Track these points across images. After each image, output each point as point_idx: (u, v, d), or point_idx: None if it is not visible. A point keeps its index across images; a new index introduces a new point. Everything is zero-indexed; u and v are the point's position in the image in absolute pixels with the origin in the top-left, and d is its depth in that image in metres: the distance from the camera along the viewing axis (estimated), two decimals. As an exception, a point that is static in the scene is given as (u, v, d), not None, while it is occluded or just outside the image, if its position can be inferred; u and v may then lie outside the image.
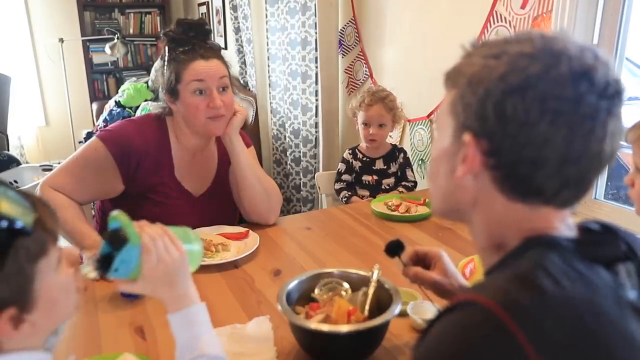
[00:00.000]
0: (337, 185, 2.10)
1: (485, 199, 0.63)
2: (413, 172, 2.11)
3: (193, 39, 1.46)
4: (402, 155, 2.10)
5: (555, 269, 0.56)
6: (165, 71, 1.48)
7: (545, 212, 0.62)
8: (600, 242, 0.62)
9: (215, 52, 1.49)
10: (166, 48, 1.48)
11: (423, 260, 1.01)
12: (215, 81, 1.45)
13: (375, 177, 2.08)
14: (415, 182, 2.08)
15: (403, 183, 2.05)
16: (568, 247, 0.60)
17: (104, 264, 0.76)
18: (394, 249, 1.00)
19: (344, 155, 2.13)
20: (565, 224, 0.63)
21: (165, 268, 0.78)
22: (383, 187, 2.07)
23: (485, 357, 0.51)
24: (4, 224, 0.60)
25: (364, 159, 2.09)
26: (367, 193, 2.06)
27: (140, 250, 0.77)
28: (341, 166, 2.12)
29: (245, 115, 1.56)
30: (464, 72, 0.63)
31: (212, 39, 1.54)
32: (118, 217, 0.77)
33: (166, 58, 1.48)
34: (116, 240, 0.76)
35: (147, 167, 1.51)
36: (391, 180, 2.08)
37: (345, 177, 2.09)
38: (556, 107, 0.56)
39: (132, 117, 1.62)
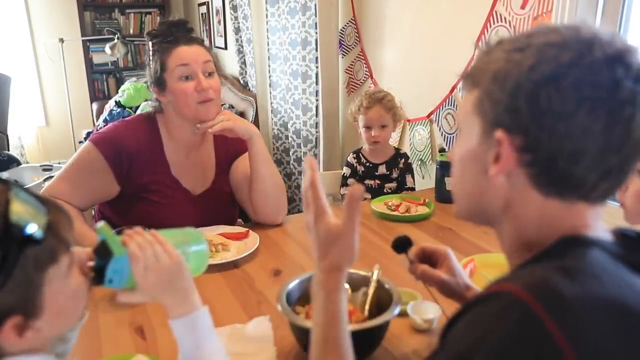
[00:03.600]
0: (343, 190, 2.10)
1: (519, 199, 0.61)
2: (413, 178, 2.10)
3: (175, 33, 1.48)
4: (403, 160, 2.10)
5: (600, 269, 0.55)
6: (150, 64, 1.50)
7: (580, 207, 0.60)
8: (639, 248, 0.61)
9: (197, 39, 1.51)
10: (150, 44, 1.50)
11: (430, 258, 0.99)
12: (199, 65, 1.46)
13: (377, 182, 2.08)
14: (413, 189, 2.08)
15: (403, 193, 2.04)
16: (612, 249, 0.58)
17: (99, 275, 0.75)
18: (402, 245, 0.98)
19: (348, 159, 2.12)
20: (599, 224, 0.61)
21: (157, 276, 0.76)
22: (385, 190, 2.07)
23: (513, 348, 0.50)
24: (14, 231, 0.58)
25: (367, 164, 2.09)
26: (369, 196, 2.05)
27: (128, 260, 0.76)
28: (346, 170, 2.11)
29: (229, 117, 1.53)
30: (487, 69, 0.60)
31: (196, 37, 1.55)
32: (101, 230, 0.76)
33: (150, 53, 1.49)
34: (102, 253, 0.75)
35: (140, 167, 1.51)
36: (393, 184, 2.09)
37: (350, 180, 2.09)
38: (593, 95, 0.54)
39: (123, 118, 1.63)
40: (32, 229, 0.60)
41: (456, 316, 0.59)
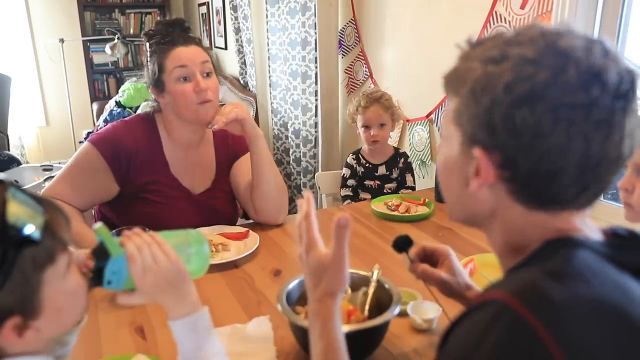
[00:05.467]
0: (343, 192, 2.10)
1: (503, 209, 0.62)
2: (413, 177, 2.11)
3: (172, 33, 1.48)
4: (402, 160, 2.10)
5: (587, 269, 0.55)
6: (148, 65, 1.50)
7: (565, 215, 0.61)
8: (629, 247, 0.61)
9: (194, 39, 1.50)
10: (147, 44, 1.50)
11: (430, 257, 0.99)
12: (197, 66, 1.45)
13: (377, 182, 2.08)
14: (414, 188, 2.08)
15: (401, 191, 2.04)
16: (599, 249, 0.59)
17: (98, 276, 0.75)
18: (403, 244, 0.98)
19: (348, 160, 2.12)
20: (586, 225, 0.62)
21: (155, 277, 0.76)
22: (385, 190, 2.07)
23: (505, 354, 0.50)
24: (12, 232, 0.58)
25: (367, 165, 2.09)
26: (369, 196, 2.06)
27: (126, 261, 0.76)
28: (346, 171, 2.11)
29: (242, 108, 1.54)
30: (465, 78, 0.60)
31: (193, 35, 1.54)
32: (99, 231, 0.76)
33: (148, 54, 1.49)
34: (100, 254, 0.76)
35: (139, 166, 1.51)
36: (393, 184, 2.09)
37: (350, 182, 2.09)
38: (569, 116, 0.53)
39: (123, 118, 1.63)
40: (30, 229, 0.60)
41: (452, 326, 0.59)
